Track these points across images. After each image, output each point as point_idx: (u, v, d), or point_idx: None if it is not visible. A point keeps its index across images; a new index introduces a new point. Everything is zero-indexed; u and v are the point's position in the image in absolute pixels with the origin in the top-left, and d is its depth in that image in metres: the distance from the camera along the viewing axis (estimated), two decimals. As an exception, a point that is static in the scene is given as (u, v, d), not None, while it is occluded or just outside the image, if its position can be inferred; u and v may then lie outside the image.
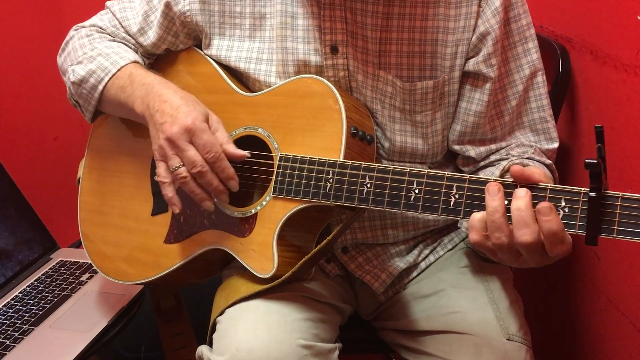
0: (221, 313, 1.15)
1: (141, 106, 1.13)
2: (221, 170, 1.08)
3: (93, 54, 1.22)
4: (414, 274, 1.29)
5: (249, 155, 1.11)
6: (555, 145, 1.20)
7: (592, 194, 0.83)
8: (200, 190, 1.09)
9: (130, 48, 1.27)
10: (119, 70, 1.19)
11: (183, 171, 1.07)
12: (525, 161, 1.13)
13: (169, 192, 1.10)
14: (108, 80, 1.19)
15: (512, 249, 0.89)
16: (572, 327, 1.48)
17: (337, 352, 1.14)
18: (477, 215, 0.90)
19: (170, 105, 1.09)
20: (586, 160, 0.80)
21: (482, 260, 1.27)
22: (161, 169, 1.09)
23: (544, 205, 0.85)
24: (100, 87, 1.20)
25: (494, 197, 0.89)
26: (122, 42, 1.27)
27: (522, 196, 0.87)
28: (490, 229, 0.88)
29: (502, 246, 0.88)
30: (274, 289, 1.12)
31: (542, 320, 1.59)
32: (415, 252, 1.28)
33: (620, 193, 0.82)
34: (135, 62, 1.21)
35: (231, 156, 1.09)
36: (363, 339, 1.36)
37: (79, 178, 1.38)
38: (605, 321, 1.34)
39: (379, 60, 1.14)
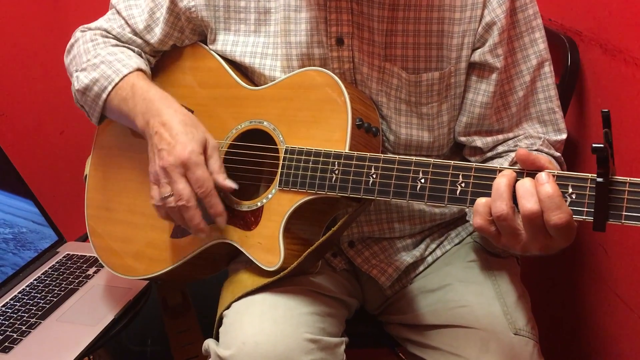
0: (227, 307, 1.15)
1: (142, 122, 1.15)
2: (210, 206, 1.10)
3: (96, 62, 1.22)
4: (421, 268, 1.28)
5: (236, 187, 1.12)
6: (564, 136, 1.19)
7: (599, 180, 0.82)
8: (184, 221, 1.11)
9: (134, 52, 1.27)
10: (121, 79, 1.19)
11: (172, 201, 1.09)
12: (534, 153, 1.12)
13: (161, 214, 1.13)
14: (111, 90, 1.19)
15: (512, 226, 0.88)
16: (579, 321, 1.47)
17: (343, 346, 1.13)
18: (481, 200, 0.90)
19: (169, 130, 1.10)
20: (593, 145, 0.79)
21: (490, 254, 1.26)
22: (154, 192, 1.12)
23: (540, 173, 0.87)
24: (104, 96, 1.20)
25: (503, 174, 0.90)
26: (126, 47, 1.27)
27: (528, 179, 0.88)
28: (493, 197, 0.88)
29: (501, 218, 0.87)
30: (280, 283, 1.12)
31: (549, 315, 1.59)
32: (422, 246, 1.28)
33: (628, 178, 0.82)
34: (138, 69, 1.21)
35: (219, 185, 1.11)
36: (369, 333, 1.35)
37: (86, 175, 1.38)
38: (613, 316, 1.34)
39: (385, 52, 1.14)
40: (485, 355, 1.10)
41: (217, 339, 1.14)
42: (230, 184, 1.11)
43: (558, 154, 1.17)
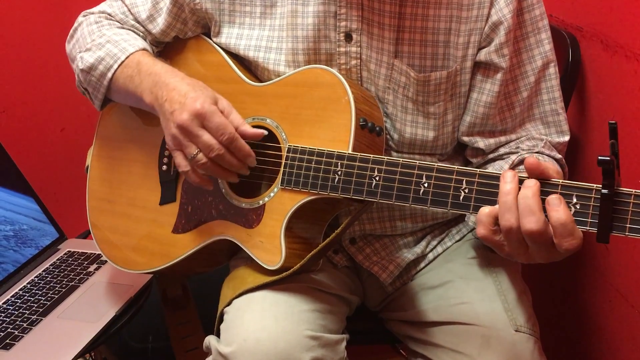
0: (228, 303, 1.15)
1: (150, 97, 1.13)
2: (238, 150, 1.08)
3: (101, 41, 1.21)
4: (422, 265, 1.29)
5: (265, 133, 1.11)
6: (566, 138, 1.19)
7: (604, 191, 0.82)
8: (222, 169, 1.10)
9: (139, 36, 1.26)
10: (127, 57, 1.18)
11: (202, 157, 1.07)
12: (535, 155, 1.12)
13: (194, 178, 1.11)
14: (117, 68, 1.18)
15: (520, 237, 0.88)
16: (580, 318, 1.48)
17: (344, 343, 1.14)
18: (485, 210, 0.90)
19: (178, 92, 1.09)
20: (599, 157, 0.79)
21: (490, 251, 1.25)
22: (179, 158, 1.10)
23: (552, 196, 0.85)
24: (109, 75, 1.19)
25: (507, 182, 0.89)
26: (130, 30, 1.26)
27: (530, 185, 0.87)
28: (502, 210, 0.88)
29: (511, 230, 0.87)
30: (281, 280, 1.12)
31: (550, 312, 1.59)
32: (423, 243, 1.28)
33: (633, 190, 0.81)
34: (143, 49, 1.20)
35: (248, 137, 1.09)
36: (370, 329, 1.36)
37: (88, 166, 1.38)
38: (614, 312, 1.34)
39: (395, 49, 1.13)
40: (486, 352, 1.10)
41: (217, 335, 1.14)
42: (258, 130, 1.10)
43: (560, 156, 1.17)
